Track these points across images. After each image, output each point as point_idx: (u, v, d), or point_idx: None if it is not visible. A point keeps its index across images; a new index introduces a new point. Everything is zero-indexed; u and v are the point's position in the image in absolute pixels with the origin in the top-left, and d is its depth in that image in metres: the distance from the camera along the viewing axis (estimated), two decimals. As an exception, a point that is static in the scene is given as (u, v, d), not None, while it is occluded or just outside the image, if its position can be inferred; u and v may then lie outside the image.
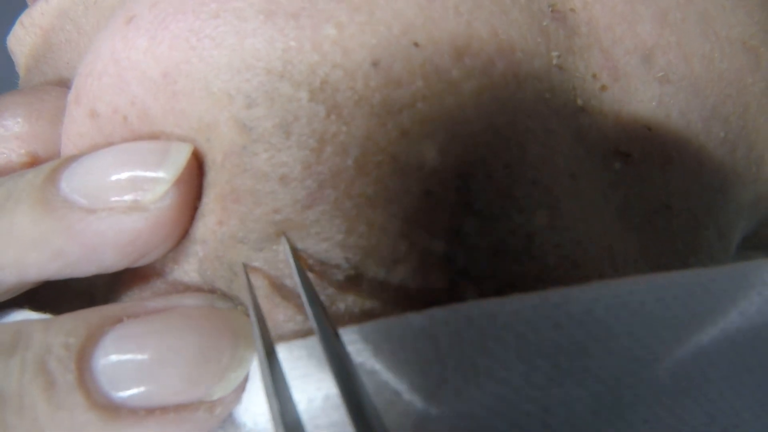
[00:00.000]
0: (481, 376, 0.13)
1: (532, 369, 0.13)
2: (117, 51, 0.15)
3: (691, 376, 0.14)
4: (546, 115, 0.15)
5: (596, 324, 0.13)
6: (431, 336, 0.13)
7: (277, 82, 0.14)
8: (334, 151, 0.14)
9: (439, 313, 0.13)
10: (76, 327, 0.13)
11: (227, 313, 0.14)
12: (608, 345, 0.13)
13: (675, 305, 0.14)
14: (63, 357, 0.13)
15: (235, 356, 0.14)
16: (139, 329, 0.14)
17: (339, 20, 0.14)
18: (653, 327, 0.13)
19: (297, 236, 0.14)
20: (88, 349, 0.13)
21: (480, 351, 0.13)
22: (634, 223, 0.16)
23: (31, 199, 0.14)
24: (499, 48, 0.15)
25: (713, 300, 0.14)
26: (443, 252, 0.14)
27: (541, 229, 0.14)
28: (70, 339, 0.13)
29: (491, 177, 0.14)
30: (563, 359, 0.13)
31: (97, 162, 0.15)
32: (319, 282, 0.14)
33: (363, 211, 0.14)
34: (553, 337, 0.13)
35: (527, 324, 0.13)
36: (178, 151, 0.14)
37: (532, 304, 0.13)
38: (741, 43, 0.17)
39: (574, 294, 0.13)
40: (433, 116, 0.14)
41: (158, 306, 0.14)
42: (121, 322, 0.14)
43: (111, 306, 0.14)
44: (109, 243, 0.14)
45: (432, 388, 0.13)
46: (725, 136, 0.17)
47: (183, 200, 0.15)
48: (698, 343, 0.14)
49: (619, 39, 0.16)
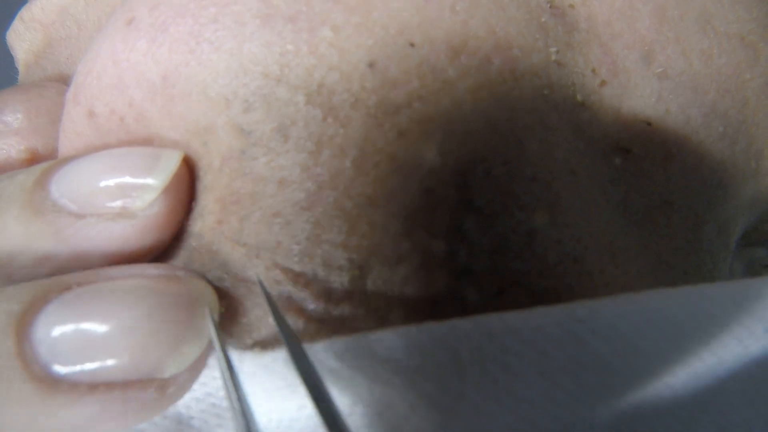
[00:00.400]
0: (502, 393, 0.13)
1: (555, 386, 0.13)
2: (116, 52, 0.15)
3: (708, 389, 0.13)
4: (545, 111, 0.15)
5: (622, 341, 0.13)
6: (452, 349, 0.13)
7: (274, 86, 0.14)
8: (332, 154, 0.14)
9: (461, 325, 0.13)
10: (21, 294, 0.13)
11: (187, 281, 0.14)
12: (634, 362, 0.13)
13: (705, 321, 0.13)
14: (3, 324, 0.12)
15: (191, 327, 0.13)
16: (84, 296, 0.13)
17: (335, 22, 0.14)
18: (681, 344, 0.13)
19: (297, 239, 0.14)
20: (29, 317, 0.12)
21: (501, 367, 0.13)
22: (635, 218, 0.16)
23: (20, 202, 0.14)
24: (496, 45, 0.15)
25: (741, 315, 0.14)
26: (445, 249, 0.14)
27: (542, 225, 0.14)
28: (12, 305, 0.12)
29: (490, 174, 0.14)
30: (587, 377, 0.13)
31: (87, 167, 0.14)
32: (322, 285, 0.14)
33: (363, 210, 0.14)
34: (577, 354, 0.13)
35: (550, 340, 0.13)
36: (168, 158, 0.14)
37: (557, 319, 0.13)
38: (739, 38, 0.17)
39: (598, 308, 0.13)
40: (430, 116, 0.14)
41: (114, 274, 0.13)
42: (70, 289, 0.13)
43: (66, 275, 0.14)
44: (97, 248, 0.14)
45: (450, 403, 0.13)
46: (724, 131, 0.17)
47: (172, 207, 0.15)
48: (721, 357, 0.13)
49: (618, 34, 0.16)
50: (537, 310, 0.13)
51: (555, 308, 0.13)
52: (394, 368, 0.13)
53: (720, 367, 0.13)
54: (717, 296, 0.13)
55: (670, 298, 0.13)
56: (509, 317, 0.13)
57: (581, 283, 0.15)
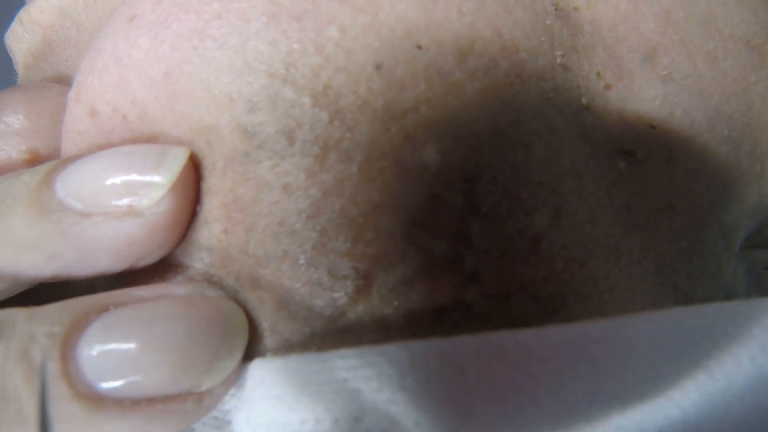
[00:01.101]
0: (510, 413, 0.12)
1: (567, 408, 0.12)
2: (118, 49, 0.15)
3: (719, 409, 0.13)
4: (551, 114, 0.15)
5: (638, 361, 0.13)
6: (459, 367, 0.13)
7: (279, 86, 0.14)
8: (339, 158, 0.14)
9: (469, 342, 0.13)
10: (61, 316, 0.13)
11: (217, 302, 0.14)
12: (648, 384, 0.13)
13: (721, 340, 0.13)
14: (46, 346, 0.13)
15: (224, 345, 0.13)
16: (125, 318, 0.13)
17: (342, 22, 0.14)
18: (696, 363, 0.13)
19: (302, 248, 0.14)
20: (73, 338, 0.13)
21: (511, 385, 0.12)
22: (638, 221, 0.16)
23: (26, 202, 0.14)
24: (503, 48, 0.15)
25: (759, 335, 0.13)
26: (451, 255, 0.14)
27: (547, 230, 0.14)
28: (54, 328, 0.13)
29: (497, 178, 0.14)
30: (598, 396, 0.12)
31: (93, 165, 0.14)
32: (328, 293, 0.14)
33: (369, 218, 0.14)
34: (591, 375, 0.12)
35: (563, 360, 0.12)
36: (174, 155, 0.14)
37: (570, 339, 0.13)
38: (745, 41, 0.17)
39: (614, 329, 0.13)
40: (436, 119, 0.14)
41: (146, 294, 0.14)
42: (108, 311, 0.13)
43: (98, 295, 0.14)
44: (104, 247, 0.14)
45: (456, 421, 0.12)
46: (729, 134, 0.17)
47: (179, 205, 0.14)
48: (732, 377, 0.13)
49: (623, 37, 0.16)
50: (550, 328, 0.13)
51: (568, 327, 0.13)
52: (399, 384, 0.13)
53: (732, 386, 0.13)
54: (732, 315, 0.13)
55: (684, 317, 0.13)
56: (522, 335, 0.13)
57: (586, 288, 0.14)
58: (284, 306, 0.14)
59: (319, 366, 0.13)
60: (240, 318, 0.14)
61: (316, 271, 0.14)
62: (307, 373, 0.13)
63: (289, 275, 0.14)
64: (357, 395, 0.13)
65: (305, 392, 0.13)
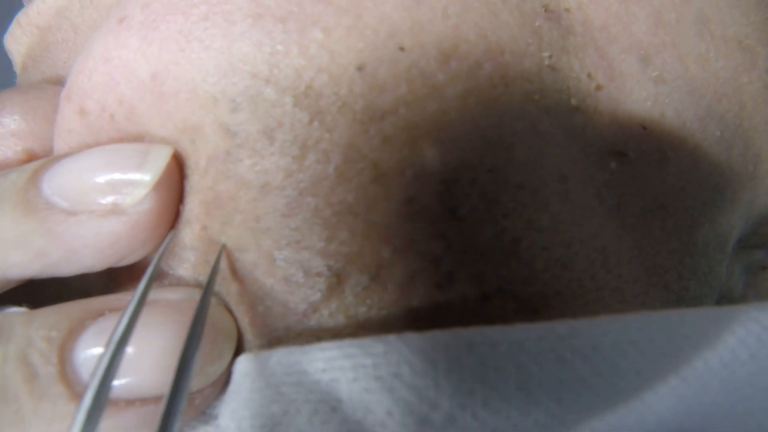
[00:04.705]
0: (478, 406, 0.13)
1: (532, 402, 0.13)
2: (108, 50, 0.15)
3: (692, 412, 0.13)
4: (535, 116, 0.15)
5: (602, 361, 0.13)
6: (430, 359, 0.13)
7: (262, 87, 0.14)
8: (316, 159, 0.14)
9: (440, 337, 0.13)
10: (58, 321, 0.14)
11: None
12: (614, 383, 0.13)
13: (684, 344, 0.13)
14: (44, 350, 0.13)
15: (214, 349, 0.14)
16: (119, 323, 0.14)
17: (326, 24, 0.14)
18: (662, 366, 0.13)
19: (277, 244, 0.14)
20: (69, 342, 0.14)
21: (479, 379, 0.13)
22: (629, 222, 0.16)
23: (13, 200, 0.14)
24: (488, 50, 0.15)
25: (726, 338, 0.13)
26: (428, 257, 0.14)
27: (527, 232, 0.14)
28: (51, 332, 0.14)
29: (476, 182, 0.14)
30: (565, 394, 0.13)
31: (78, 164, 0.15)
32: (302, 290, 0.14)
33: (343, 218, 0.14)
34: (556, 371, 0.13)
35: (529, 355, 0.13)
36: (158, 153, 0.15)
37: (537, 335, 0.13)
38: (737, 42, 0.17)
39: (580, 327, 0.13)
40: (416, 122, 0.14)
41: None
42: (103, 315, 0.14)
43: (93, 299, 0.15)
44: (89, 245, 0.14)
45: (425, 412, 0.13)
46: (721, 135, 0.17)
47: (163, 204, 0.15)
48: (704, 380, 0.13)
49: (615, 38, 0.16)
50: (518, 326, 0.13)
51: (536, 325, 0.13)
52: (373, 374, 0.13)
53: (704, 391, 0.13)
54: (698, 321, 0.13)
55: (651, 321, 0.13)
56: (489, 331, 0.13)
57: (571, 289, 0.14)
58: (260, 302, 0.14)
59: (299, 358, 0.13)
60: (229, 324, 0.14)
61: (290, 267, 0.14)
62: (288, 365, 0.13)
63: (264, 270, 0.14)
64: (334, 385, 0.13)
65: (286, 383, 0.13)
